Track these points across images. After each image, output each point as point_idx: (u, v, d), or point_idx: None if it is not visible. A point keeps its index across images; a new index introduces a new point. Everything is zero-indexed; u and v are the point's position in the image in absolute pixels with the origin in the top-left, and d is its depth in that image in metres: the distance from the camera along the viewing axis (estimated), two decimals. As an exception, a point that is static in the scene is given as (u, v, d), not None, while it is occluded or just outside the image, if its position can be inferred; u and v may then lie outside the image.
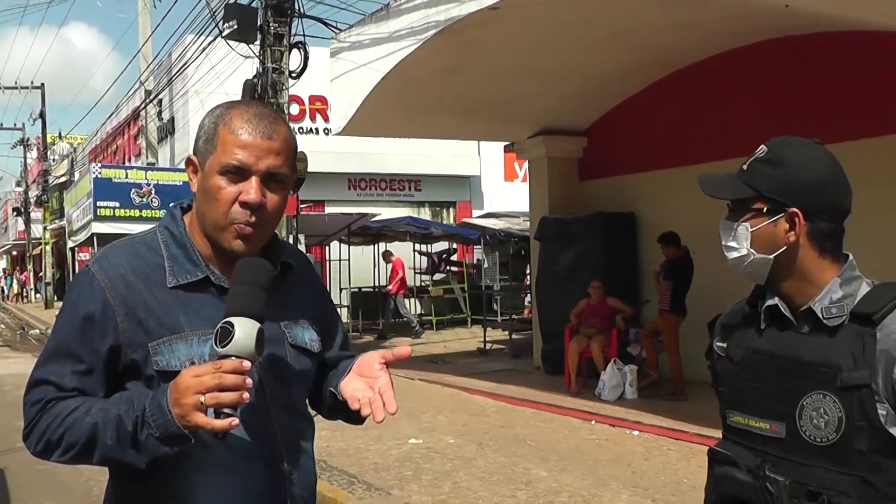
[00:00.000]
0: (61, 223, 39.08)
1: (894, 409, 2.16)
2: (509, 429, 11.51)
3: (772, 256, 2.34)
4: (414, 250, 27.65)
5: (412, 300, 27.41)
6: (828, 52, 11.97)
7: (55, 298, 45.12)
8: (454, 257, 29.27)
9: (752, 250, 2.35)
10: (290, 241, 15.34)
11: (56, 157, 52.12)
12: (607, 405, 12.28)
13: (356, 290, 25.57)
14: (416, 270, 27.87)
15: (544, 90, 14.59)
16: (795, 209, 2.32)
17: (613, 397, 12.61)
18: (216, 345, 2.18)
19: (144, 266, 2.43)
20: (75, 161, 48.20)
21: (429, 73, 13.24)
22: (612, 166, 15.77)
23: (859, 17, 9.62)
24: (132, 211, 22.51)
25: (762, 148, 2.43)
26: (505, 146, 18.17)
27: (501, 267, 25.54)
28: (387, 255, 24.46)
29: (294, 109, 27.53)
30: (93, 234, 22.98)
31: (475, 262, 28.56)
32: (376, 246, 26.21)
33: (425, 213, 31.38)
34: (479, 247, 26.83)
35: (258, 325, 2.21)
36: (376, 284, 26.13)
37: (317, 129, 28.40)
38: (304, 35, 15.79)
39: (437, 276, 28.95)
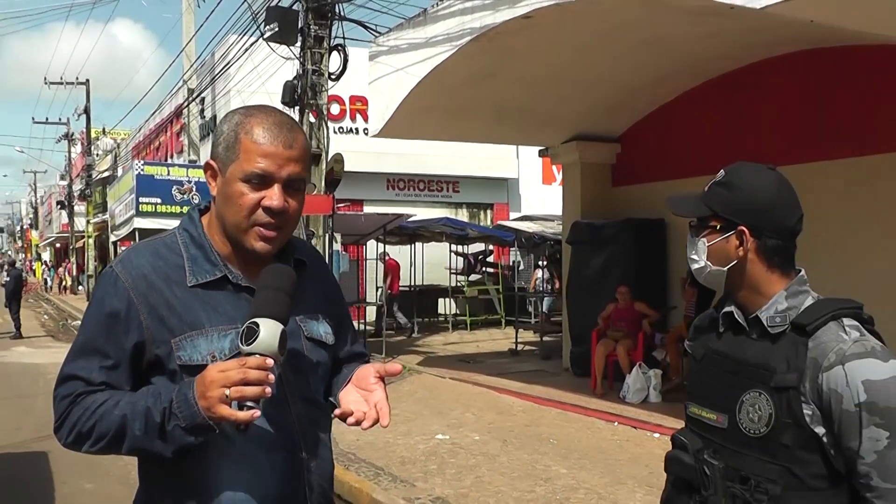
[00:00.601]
0: (104, 217, 39.52)
1: (819, 410, 2.43)
2: (534, 427, 11.77)
3: (725, 268, 2.65)
4: (450, 251, 27.86)
5: (447, 300, 27.68)
6: (857, 64, 12.13)
7: (96, 290, 45.72)
8: (490, 258, 29.44)
9: (709, 263, 2.67)
10: (326, 239, 15.63)
11: (100, 152, 52.56)
12: (631, 407, 12.50)
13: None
14: (452, 271, 28.06)
15: (577, 97, 14.81)
16: (744, 227, 2.61)
17: (637, 400, 12.83)
18: (242, 343, 2.33)
19: (165, 266, 2.55)
20: (118, 156, 48.69)
21: (463, 78, 13.48)
22: (644, 173, 15.97)
23: (885, 32, 9.78)
24: (174, 207, 22.87)
25: (721, 172, 2.71)
26: (539, 151, 18.32)
27: (540, 269, 25.72)
28: (382, 257, 24.73)
29: (335, 109, 27.79)
30: (135, 229, 23.37)
31: (511, 263, 28.68)
32: (413, 246, 26.46)
33: (463, 215, 31.50)
34: (514, 249, 26.98)
35: (282, 326, 2.36)
36: (412, 284, 26.41)
37: (357, 129, 28.59)
38: (343, 38, 16.06)
39: (473, 277, 29.11)
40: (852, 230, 12.13)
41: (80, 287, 55.05)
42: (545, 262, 22.94)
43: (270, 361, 2.31)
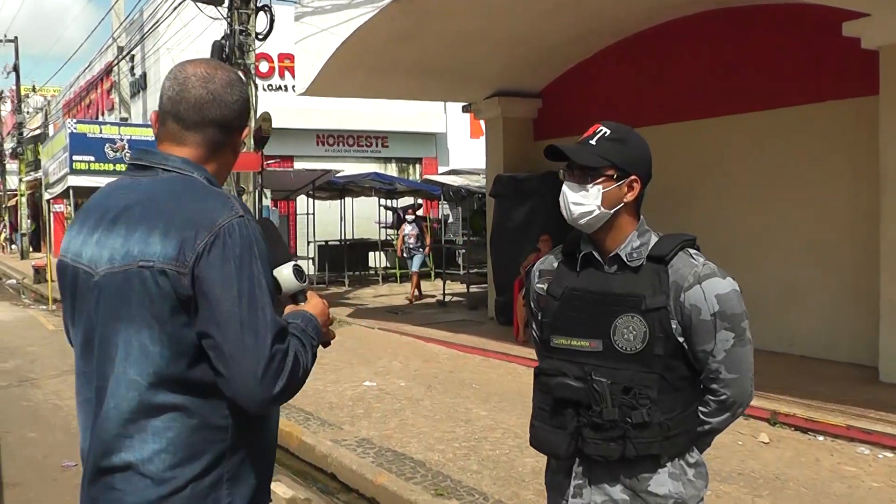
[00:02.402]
0: (37, 175, 39.32)
1: (681, 324, 2.97)
2: (457, 373, 12.30)
3: (612, 211, 3.06)
4: (379, 205, 28.19)
5: (377, 253, 28.11)
6: (764, 22, 12.74)
7: (31, 249, 45.46)
8: (419, 212, 29.78)
9: (602, 207, 3.05)
10: (256, 195, 15.97)
11: (30, 109, 52.06)
12: (551, 353, 13.01)
13: (322, 243, 26.18)
14: (382, 225, 28.39)
15: (498, 55, 15.22)
16: (635, 177, 3.07)
17: (557, 346, 13.31)
18: (300, 280, 2.68)
19: None
20: (49, 114, 48.31)
21: (386, 38, 13.84)
22: (564, 127, 16.40)
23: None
24: (106, 165, 22.90)
25: (603, 129, 3.09)
26: (463, 107, 18.68)
27: (464, 222, 26.05)
28: None
29: (264, 67, 27.97)
30: (69, 187, 23.45)
31: (440, 217, 29.03)
32: (343, 200, 26.78)
33: (392, 170, 31.82)
34: (444, 202, 27.34)
35: None
36: (342, 238, 26.76)
37: (286, 86, 28.70)
38: (270, -2, 16.30)
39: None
40: (760, 180, 12.76)
41: (14, 246, 54.56)
42: (413, 217, 22.45)
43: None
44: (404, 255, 22.42)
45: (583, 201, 3.03)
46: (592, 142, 3.05)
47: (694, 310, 2.94)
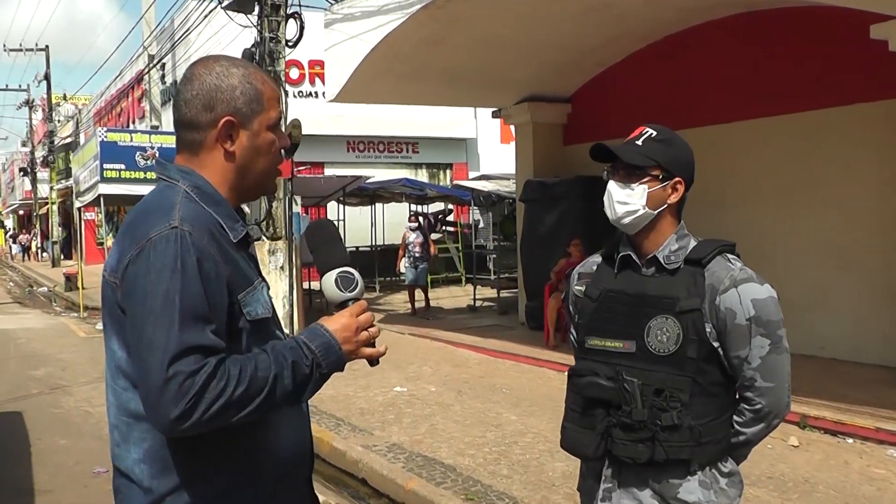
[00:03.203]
0: (68, 183, 39.56)
1: (715, 328, 2.97)
2: (488, 378, 12.34)
3: (656, 212, 3.08)
4: (410, 211, 28.20)
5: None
6: (792, 25, 12.70)
7: (62, 257, 45.82)
8: (450, 218, 29.81)
9: (647, 207, 3.06)
10: (287, 202, 16.04)
11: (61, 118, 52.42)
12: (581, 358, 13.03)
13: (353, 249, 26.20)
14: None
15: (527, 60, 15.25)
16: (680, 178, 3.11)
17: (587, 350, 13.32)
18: (343, 290, 2.59)
19: (212, 221, 2.45)
20: (80, 122, 48.63)
21: (415, 44, 13.91)
22: (594, 132, 16.33)
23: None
24: (137, 173, 23.03)
25: (648, 130, 3.12)
26: (493, 112, 18.72)
27: (494, 227, 26.05)
28: None
29: (294, 74, 28.15)
30: (100, 195, 23.60)
31: (471, 222, 29.06)
32: (373, 207, 26.84)
33: (422, 175, 31.93)
34: (475, 207, 27.38)
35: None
36: (372, 244, 26.80)
37: (316, 92, 28.82)
38: (300, 5, 16.35)
39: (434, 236, 29.48)
40: (789, 183, 12.75)
41: (45, 254, 54.98)
42: (416, 225, 20.33)
43: (365, 302, 2.61)
44: (403, 267, 20.03)
45: (628, 200, 3.07)
46: (639, 142, 3.09)
47: (729, 313, 2.95)
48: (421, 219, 21.21)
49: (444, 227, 29.46)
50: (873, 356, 11.73)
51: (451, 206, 29.24)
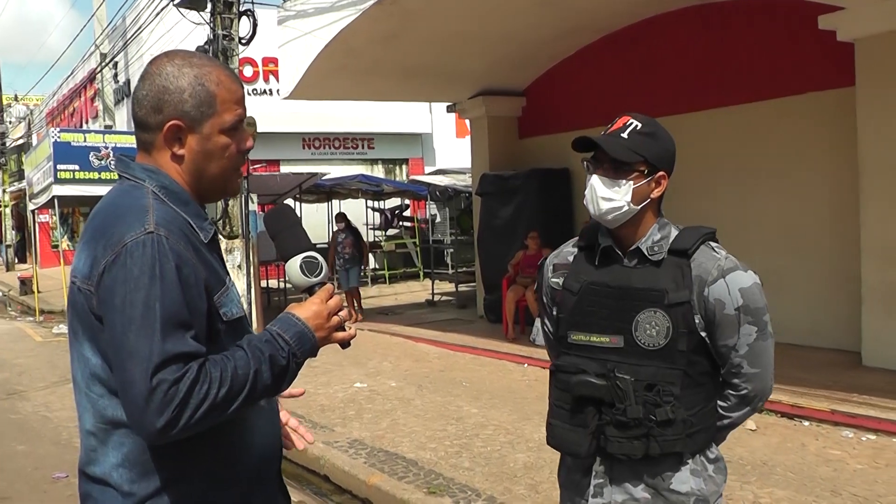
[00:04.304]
0: (21, 186, 39.20)
1: (704, 318, 2.97)
2: (448, 372, 12.39)
3: (639, 207, 3.03)
4: (367, 207, 28.21)
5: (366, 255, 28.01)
6: (745, 16, 12.83)
7: (16, 260, 45.34)
8: (407, 213, 29.81)
9: (631, 203, 2.98)
10: (243, 200, 16.00)
11: (13, 119, 51.93)
12: (540, 349, 12.94)
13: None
14: (370, 227, 28.41)
15: (481, 54, 15.26)
16: (663, 173, 3.06)
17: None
18: (309, 275, 2.56)
19: (181, 222, 2.42)
20: (32, 123, 48.19)
21: (368, 40, 13.88)
22: (548, 124, 16.52)
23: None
24: (92, 173, 22.76)
25: (634, 122, 3.01)
26: (447, 107, 18.74)
27: (451, 222, 26.10)
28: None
29: (248, 71, 28.04)
30: (54, 197, 23.38)
31: (428, 217, 29.08)
32: (330, 203, 26.78)
33: (379, 171, 31.90)
34: (431, 202, 27.41)
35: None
36: (330, 240, 26.70)
37: (270, 90, 28.70)
38: (252, 2, 16.29)
39: (391, 232, 29.50)
40: (743, 171, 12.89)
41: (-1, 258, 54.46)
42: (344, 225, 19.00)
43: (332, 286, 2.58)
44: (336, 269, 18.72)
45: (614, 197, 2.99)
46: (624, 135, 3.00)
47: (718, 304, 2.94)
48: (337, 220, 19.52)
49: (400, 223, 29.49)
50: (828, 340, 11.89)
51: (407, 202, 29.25)
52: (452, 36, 14.28)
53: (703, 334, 2.97)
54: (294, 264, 2.58)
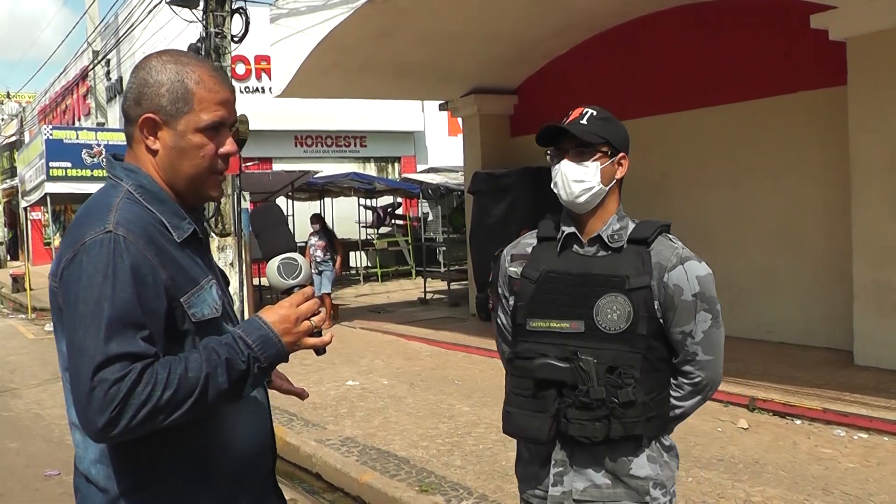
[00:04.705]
0: (13, 183, 39.15)
1: (662, 304, 3.05)
2: (440, 370, 12.40)
3: (607, 188, 3.12)
4: (359, 205, 28.19)
5: (358, 253, 28.12)
6: (737, 17, 12.87)
7: (8, 258, 45.30)
8: (399, 211, 29.80)
9: (601, 183, 3.09)
10: (235, 198, 15.99)
11: (5, 116, 51.89)
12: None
13: (303, 244, 26.06)
14: (362, 224, 28.40)
15: (473, 52, 15.28)
16: (624, 154, 3.16)
17: (538, 340, 13.39)
18: (286, 278, 2.51)
19: (151, 221, 2.41)
20: (24, 120, 48.12)
21: (361, 38, 13.88)
22: (540, 122, 16.00)
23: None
24: (84, 171, 22.81)
25: (589, 111, 3.12)
26: (440, 105, 18.75)
27: (444, 220, 26.10)
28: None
29: (240, 69, 27.99)
30: (46, 194, 23.39)
31: (420, 215, 29.09)
32: (322, 201, 26.77)
33: (371, 169, 31.88)
34: (424, 200, 27.41)
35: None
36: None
37: (263, 87, 28.65)
38: (245, 0, 16.29)
39: (383, 230, 29.50)
40: (735, 170, 12.92)
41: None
42: (318, 227, 18.40)
43: (311, 289, 2.51)
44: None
45: (584, 177, 3.07)
46: (583, 121, 3.09)
47: (677, 290, 3.04)
48: (312, 222, 18.75)
49: (393, 221, 29.48)
50: (820, 339, 11.93)
51: (399, 200, 29.25)
52: (444, 34, 14.28)
53: (662, 321, 3.07)
54: (273, 265, 2.56)
